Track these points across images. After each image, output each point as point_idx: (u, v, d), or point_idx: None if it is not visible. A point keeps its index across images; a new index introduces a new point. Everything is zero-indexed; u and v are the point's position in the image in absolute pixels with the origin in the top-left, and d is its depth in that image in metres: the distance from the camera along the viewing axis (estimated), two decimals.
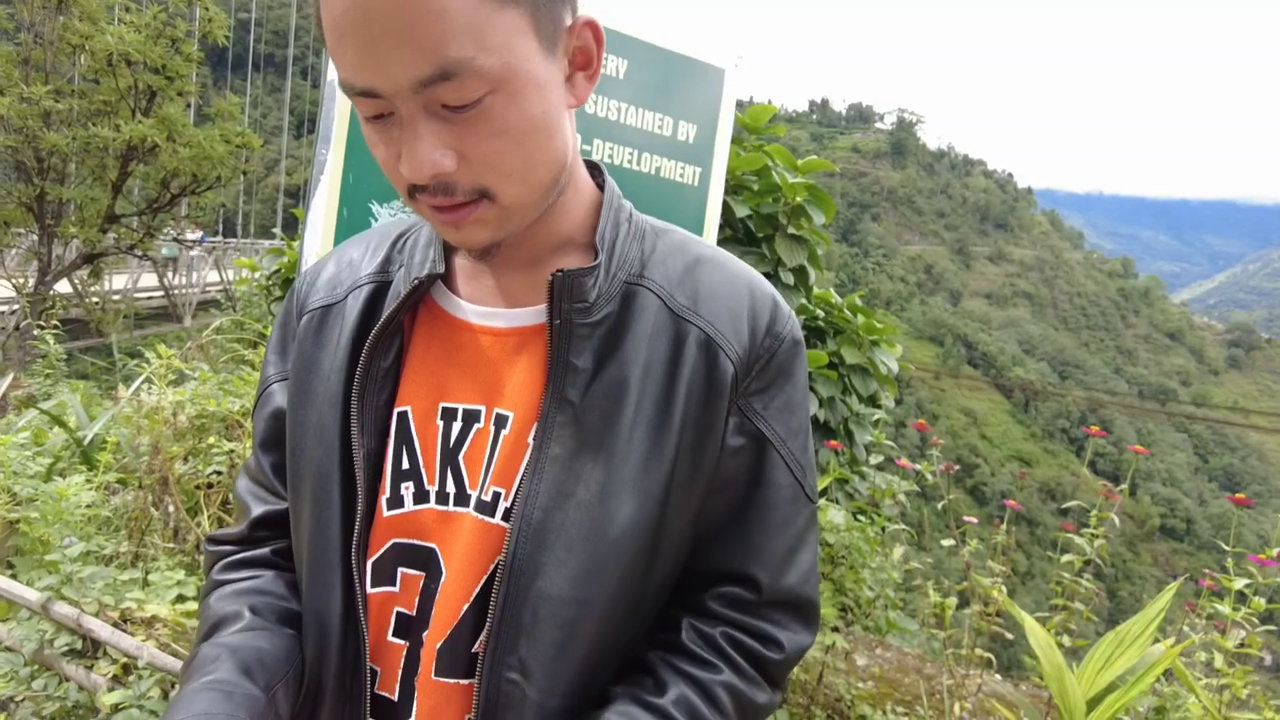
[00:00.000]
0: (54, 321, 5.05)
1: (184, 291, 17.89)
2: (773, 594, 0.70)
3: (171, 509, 2.52)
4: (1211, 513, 67.95)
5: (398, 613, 0.69)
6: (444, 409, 0.69)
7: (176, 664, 1.61)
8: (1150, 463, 74.48)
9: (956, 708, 2.29)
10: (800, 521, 0.72)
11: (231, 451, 2.55)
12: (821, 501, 2.62)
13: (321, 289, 0.77)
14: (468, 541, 0.66)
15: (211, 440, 2.56)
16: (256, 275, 6.15)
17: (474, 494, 0.67)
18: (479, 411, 0.68)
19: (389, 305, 0.71)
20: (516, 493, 0.65)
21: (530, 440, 0.66)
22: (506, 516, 0.65)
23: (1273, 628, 2.21)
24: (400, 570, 0.68)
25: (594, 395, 0.65)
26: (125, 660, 1.65)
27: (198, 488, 2.63)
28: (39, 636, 1.73)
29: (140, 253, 10.10)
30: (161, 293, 17.15)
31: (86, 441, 3.15)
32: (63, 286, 10.41)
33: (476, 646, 0.66)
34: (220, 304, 8.68)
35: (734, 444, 0.69)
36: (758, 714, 0.70)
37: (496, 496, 0.66)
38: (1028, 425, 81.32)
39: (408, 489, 0.69)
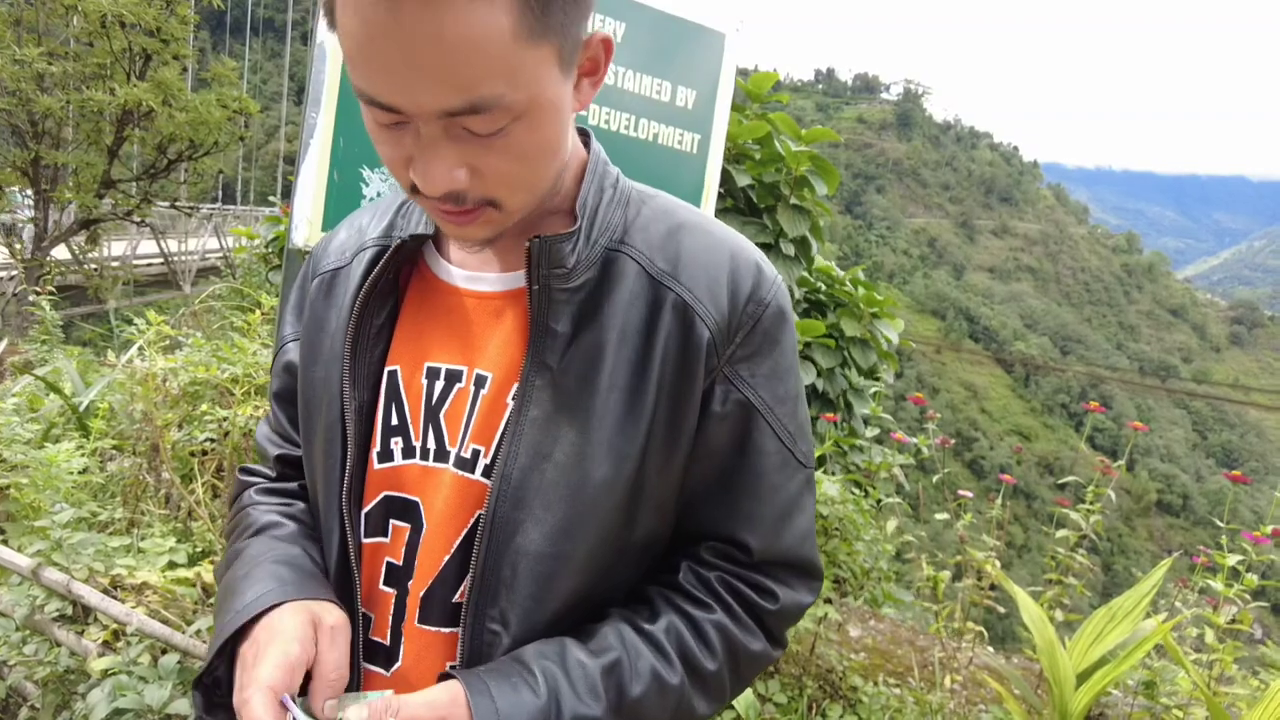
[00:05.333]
0: (49, 288, 5.03)
1: (183, 259, 17.81)
2: (765, 556, 0.72)
3: (165, 475, 2.51)
4: (1208, 489, 68.33)
5: (387, 562, 0.72)
6: (428, 368, 0.72)
7: (166, 630, 1.61)
8: (1149, 439, 74.76)
9: (948, 680, 2.31)
10: (792, 487, 0.73)
11: (224, 419, 2.54)
12: (816, 473, 2.61)
13: (333, 254, 0.81)
14: (448, 496, 0.69)
15: (204, 408, 2.54)
16: (254, 243, 6.11)
17: (454, 450, 0.70)
18: (461, 372, 0.71)
19: (382, 262, 0.74)
20: (496, 452, 0.68)
21: (509, 400, 0.69)
22: (485, 473, 0.69)
23: (1264, 604, 2.21)
24: (391, 521, 0.72)
25: (571, 359, 0.67)
26: (115, 626, 1.65)
27: (192, 454, 2.62)
28: (30, 602, 1.73)
29: (138, 219, 10.02)
30: (161, 260, 17.08)
31: (82, 408, 3.15)
32: (61, 253, 10.35)
33: (458, 596, 0.70)
34: (220, 271, 8.63)
35: (720, 412, 0.70)
36: (752, 661, 0.72)
37: (476, 454, 0.69)
38: (1028, 400, 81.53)
39: (397, 444, 0.72)
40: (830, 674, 2.50)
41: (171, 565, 1.89)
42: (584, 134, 0.76)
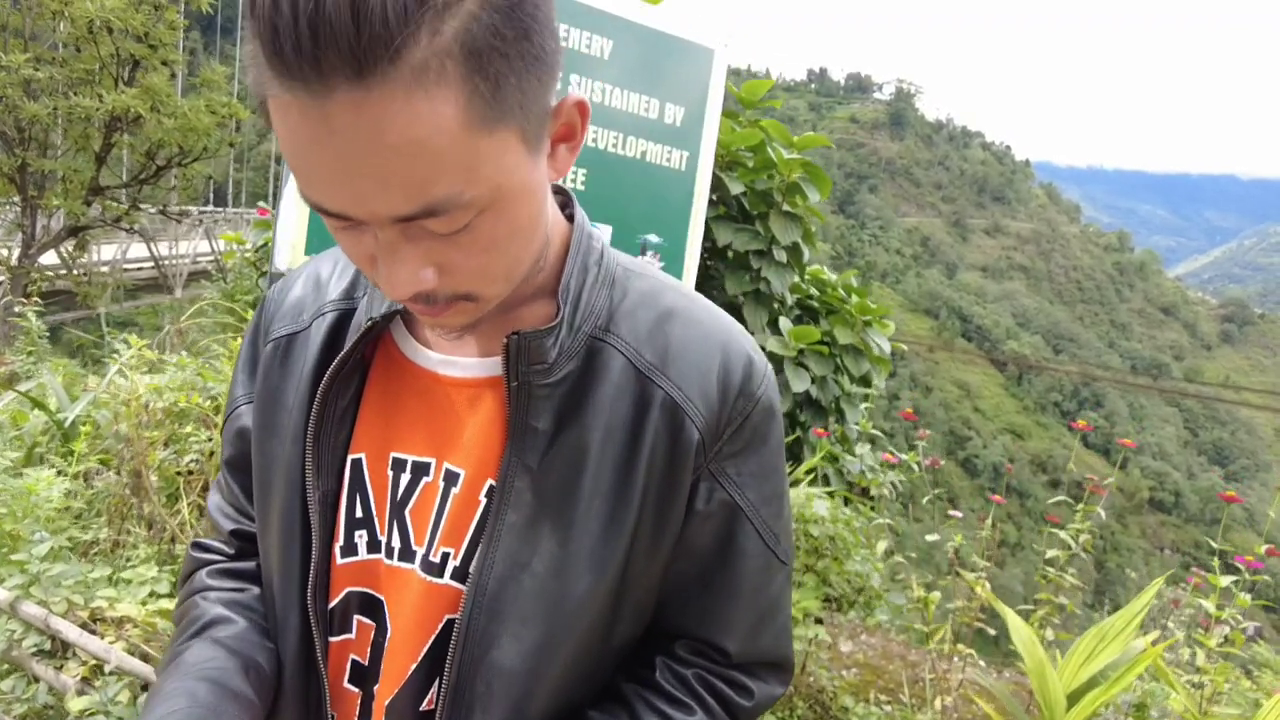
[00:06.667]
0: (35, 297, 4.98)
1: (174, 263, 17.72)
2: (743, 658, 0.70)
3: (151, 496, 2.48)
4: (1200, 486, 68.78)
5: (353, 660, 0.69)
6: (394, 459, 0.68)
7: (145, 668, 1.59)
8: (1141, 436, 75.15)
9: (938, 702, 2.30)
10: (772, 589, 0.71)
11: (210, 439, 2.51)
12: (807, 489, 2.60)
13: (287, 314, 0.74)
14: (414, 602, 0.65)
15: (189, 428, 2.52)
16: (244, 248, 6.07)
17: (419, 551, 0.66)
18: (429, 465, 0.67)
19: (349, 340, 0.68)
20: (470, 556, 0.64)
21: (481, 499, 0.65)
22: (456, 576, 0.65)
23: (1259, 602, 2.22)
24: (356, 618, 0.68)
25: (552, 461, 0.63)
26: (95, 662, 1.63)
27: (178, 474, 2.60)
28: (7, 636, 1.71)
29: (127, 225, 9.96)
30: (152, 264, 16.98)
31: (68, 424, 3.12)
32: (51, 258, 10.28)
33: (426, 704, 0.66)
34: (211, 275, 8.60)
35: (704, 510, 0.67)
36: None
37: (445, 557, 0.65)
38: (1021, 398, 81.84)
39: (361, 537, 0.68)
40: (821, 694, 2.49)
41: (153, 595, 1.86)
42: (564, 196, 0.71)
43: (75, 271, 10.49)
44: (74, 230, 9.49)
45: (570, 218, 0.70)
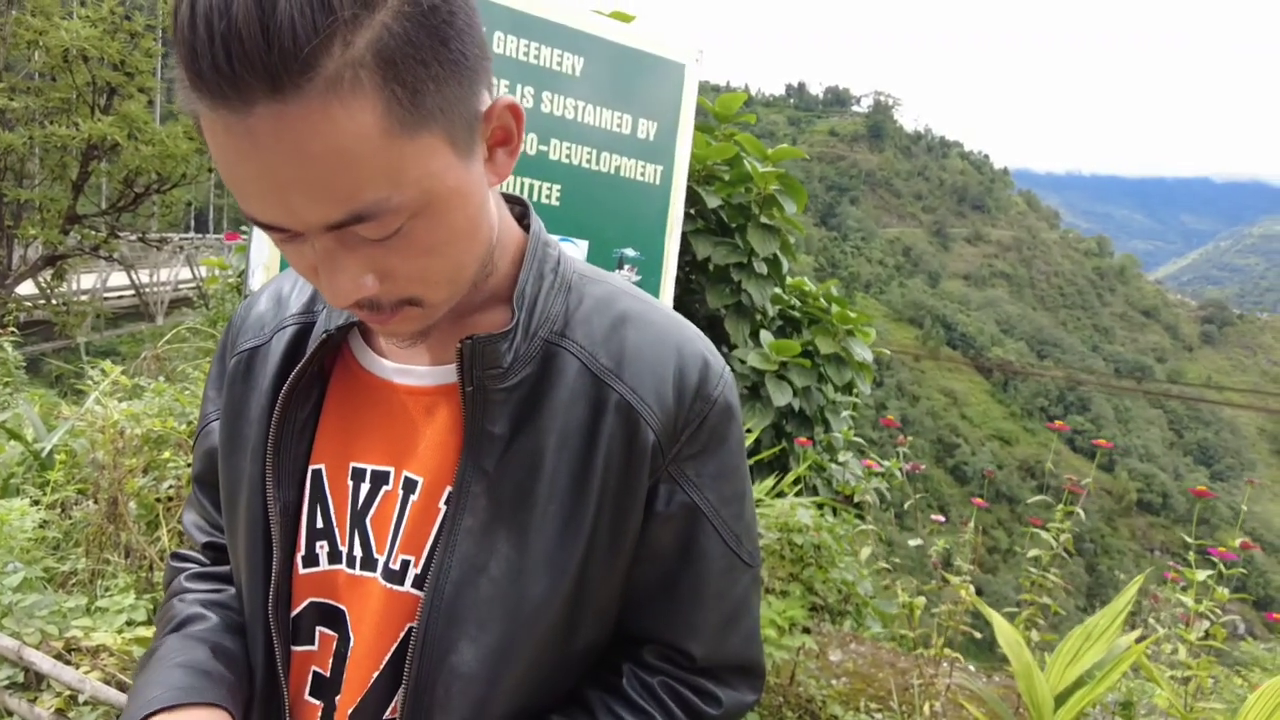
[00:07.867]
0: (11, 328, 4.95)
1: (155, 290, 17.57)
2: (709, 663, 0.70)
3: (128, 524, 2.45)
4: (1187, 487, 69.26)
5: (314, 672, 0.69)
6: (354, 469, 0.68)
7: (121, 697, 1.56)
8: (1127, 439, 75.76)
9: (926, 708, 2.30)
10: (737, 591, 0.71)
11: (189, 465, 2.49)
12: (791, 499, 2.60)
13: (251, 329, 0.75)
14: (376, 609, 0.66)
15: (167, 455, 2.50)
16: (226, 273, 6.04)
17: (381, 559, 0.66)
18: (388, 473, 0.67)
19: (307, 352, 0.69)
20: (429, 563, 0.64)
21: (441, 505, 0.65)
22: (416, 584, 0.65)
23: (1246, 596, 2.23)
24: (318, 629, 0.69)
25: (508, 465, 0.64)
26: (69, 693, 1.60)
27: (157, 500, 2.57)
28: None
29: (105, 253, 9.89)
30: (132, 291, 16.83)
31: (44, 454, 3.08)
32: (29, 288, 10.19)
33: (389, 712, 0.66)
34: (193, 302, 8.54)
35: (664, 512, 0.67)
36: None
37: (405, 564, 0.65)
38: (1007, 404, 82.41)
39: (322, 548, 0.68)
40: (810, 704, 2.48)
41: (130, 623, 1.84)
42: (521, 206, 0.71)
43: (53, 301, 10.38)
44: (51, 259, 9.41)
45: (527, 227, 0.71)
